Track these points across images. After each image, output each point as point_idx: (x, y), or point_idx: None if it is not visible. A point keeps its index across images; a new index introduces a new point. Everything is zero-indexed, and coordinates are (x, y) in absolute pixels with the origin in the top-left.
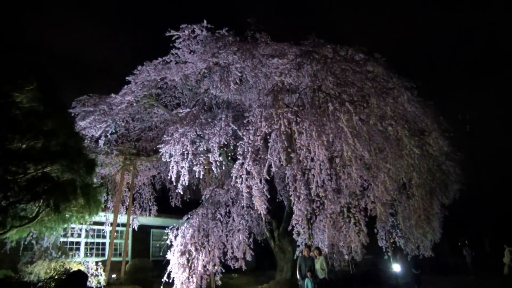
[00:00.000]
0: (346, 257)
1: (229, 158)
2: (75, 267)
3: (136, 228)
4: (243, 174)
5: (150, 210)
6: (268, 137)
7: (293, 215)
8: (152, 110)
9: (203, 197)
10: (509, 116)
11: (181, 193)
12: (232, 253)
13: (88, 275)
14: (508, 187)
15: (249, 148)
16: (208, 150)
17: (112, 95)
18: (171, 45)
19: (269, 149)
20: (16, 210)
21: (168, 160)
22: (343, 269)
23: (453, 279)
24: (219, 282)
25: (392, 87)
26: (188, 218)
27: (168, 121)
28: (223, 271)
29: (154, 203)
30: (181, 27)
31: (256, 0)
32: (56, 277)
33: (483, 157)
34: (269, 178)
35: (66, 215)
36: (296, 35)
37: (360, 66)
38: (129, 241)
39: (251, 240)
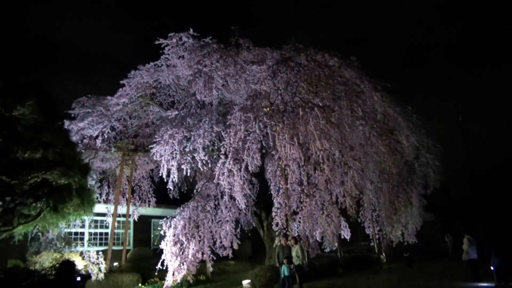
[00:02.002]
0: (334, 244)
1: (215, 156)
2: (74, 257)
3: (136, 219)
4: (225, 172)
5: (149, 201)
6: (247, 138)
7: (273, 208)
8: (148, 108)
9: (195, 190)
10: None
11: (172, 188)
12: (221, 242)
13: (89, 263)
14: (501, 173)
15: (230, 149)
16: (195, 150)
17: (108, 97)
18: (160, 51)
19: (245, 150)
20: (21, 210)
21: (159, 159)
22: (331, 254)
23: (433, 263)
24: (211, 269)
25: (362, 90)
26: (180, 211)
27: (163, 118)
28: (215, 258)
29: (153, 194)
30: (169, 35)
31: None
32: (56, 266)
33: (476, 145)
34: (246, 176)
35: (65, 213)
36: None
37: (333, 71)
38: (131, 231)
39: (238, 230)
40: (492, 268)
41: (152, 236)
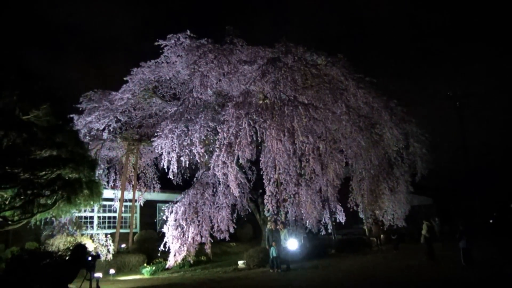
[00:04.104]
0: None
1: (211, 149)
2: (85, 240)
3: (142, 204)
4: (219, 163)
5: (154, 187)
6: (239, 133)
7: (265, 195)
8: (151, 100)
9: (195, 178)
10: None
11: (172, 178)
12: (218, 226)
13: (99, 245)
14: (496, 160)
15: (224, 142)
16: (192, 143)
17: (113, 92)
18: (160, 51)
19: (236, 145)
20: (39, 201)
21: (160, 151)
22: (329, 236)
23: (420, 245)
24: (208, 250)
25: (346, 88)
26: (181, 198)
27: (165, 113)
28: (212, 241)
29: (157, 181)
30: (167, 36)
31: None
32: (71, 248)
33: (474, 131)
34: (241, 166)
35: (76, 202)
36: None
37: (319, 70)
38: (137, 215)
39: (235, 215)
40: (461, 248)
41: (157, 219)
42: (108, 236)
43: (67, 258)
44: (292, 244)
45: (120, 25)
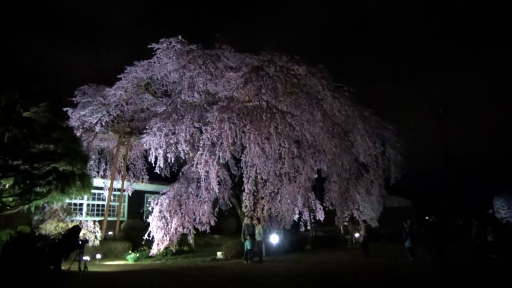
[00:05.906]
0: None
1: (196, 146)
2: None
3: (130, 193)
4: (202, 161)
5: (142, 178)
6: (221, 136)
7: (243, 193)
8: (143, 96)
9: (180, 173)
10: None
11: (159, 172)
12: (200, 219)
13: (87, 231)
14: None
15: (207, 143)
16: (178, 141)
17: (107, 88)
18: (153, 53)
19: (218, 146)
20: (36, 189)
21: (148, 147)
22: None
23: (391, 245)
24: (191, 241)
25: (323, 98)
26: (167, 190)
27: (154, 111)
28: (195, 232)
29: (146, 172)
30: (160, 40)
31: None
32: (62, 232)
33: (454, 138)
34: (218, 166)
35: (69, 193)
36: None
37: (299, 79)
38: (125, 204)
39: (216, 209)
40: (406, 247)
41: (144, 209)
42: (96, 223)
43: (62, 238)
44: (270, 238)
45: (118, 13)
